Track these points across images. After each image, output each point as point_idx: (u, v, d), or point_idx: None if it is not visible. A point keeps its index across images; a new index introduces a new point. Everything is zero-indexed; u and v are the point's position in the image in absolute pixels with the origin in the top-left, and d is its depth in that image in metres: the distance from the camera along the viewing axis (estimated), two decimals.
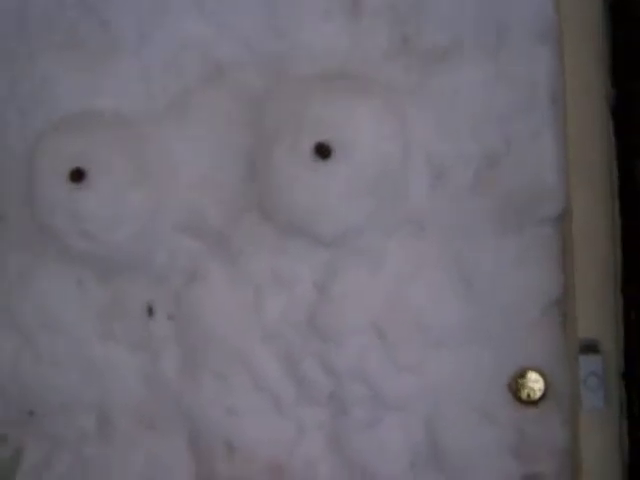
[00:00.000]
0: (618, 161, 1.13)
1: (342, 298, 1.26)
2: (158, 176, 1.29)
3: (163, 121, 1.30)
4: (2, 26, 1.35)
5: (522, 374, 1.25)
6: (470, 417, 1.25)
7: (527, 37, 1.22)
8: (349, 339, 1.26)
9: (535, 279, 1.24)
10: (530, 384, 1.25)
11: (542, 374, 1.25)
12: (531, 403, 1.25)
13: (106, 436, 1.34)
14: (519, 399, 1.25)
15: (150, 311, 1.32)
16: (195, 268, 1.31)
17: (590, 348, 1.15)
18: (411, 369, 1.27)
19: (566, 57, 1.19)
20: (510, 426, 1.24)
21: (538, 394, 1.24)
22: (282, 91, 1.25)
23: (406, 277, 1.25)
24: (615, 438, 1.14)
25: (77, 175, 1.23)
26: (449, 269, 1.25)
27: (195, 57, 1.30)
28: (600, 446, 1.15)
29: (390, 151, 1.21)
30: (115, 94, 1.31)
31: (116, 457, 1.34)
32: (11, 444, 1.34)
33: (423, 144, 1.23)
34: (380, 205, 1.23)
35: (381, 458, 1.28)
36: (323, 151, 1.17)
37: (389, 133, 1.21)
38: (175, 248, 1.31)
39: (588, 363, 1.14)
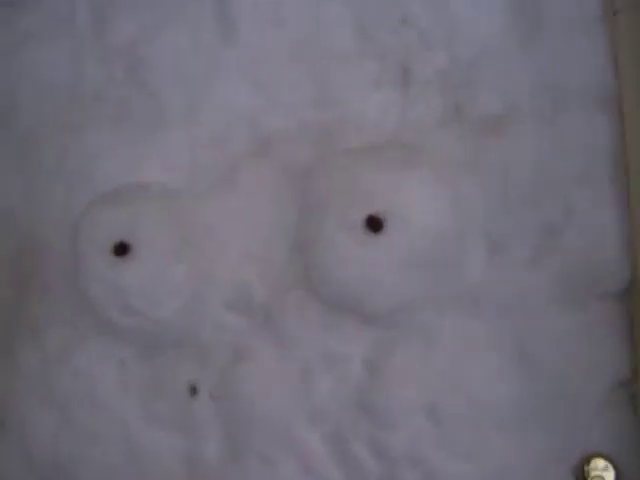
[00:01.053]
0: None
1: (394, 378, 1.19)
2: (204, 251, 1.25)
3: (210, 194, 1.27)
4: (54, 99, 1.36)
5: (589, 461, 1.16)
6: None
7: (586, 103, 1.17)
8: (401, 422, 1.19)
9: (600, 358, 1.16)
10: (598, 472, 1.15)
11: (610, 461, 1.15)
12: None
13: None
14: None
15: (194, 391, 1.27)
16: (241, 346, 1.26)
17: None
18: (467, 454, 1.18)
19: (627, 124, 1.13)
20: None
21: None
22: (331, 163, 1.22)
23: (461, 356, 1.18)
24: None
25: (121, 249, 1.20)
26: (507, 348, 1.17)
27: (243, 129, 1.28)
28: None
29: (443, 224, 1.15)
30: (162, 167, 1.29)
31: None
32: None
33: (478, 216, 1.18)
34: (433, 281, 1.17)
35: None
36: (374, 224, 1.12)
37: (442, 205, 1.16)
38: (221, 325, 1.26)
39: None
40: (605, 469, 1.15)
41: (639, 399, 1.14)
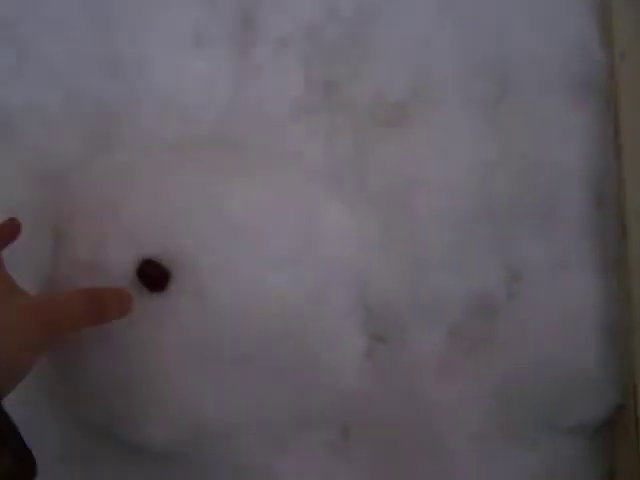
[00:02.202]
0: None
1: None
2: None
3: None
4: None
5: None
6: None
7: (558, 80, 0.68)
8: None
9: None
10: None
11: None
12: None
13: None
14: None
15: None
16: None
17: None
18: None
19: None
20: None
21: None
22: (104, 168, 0.68)
23: None
24: None
25: None
26: None
27: None
28: None
29: (293, 282, 0.63)
30: None
31: None
32: None
33: (356, 270, 0.66)
34: (275, 392, 0.64)
35: None
36: (152, 278, 0.59)
37: (292, 249, 0.63)
38: None
39: None
40: None
41: None
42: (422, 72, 0.69)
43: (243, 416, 0.64)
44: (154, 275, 0.59)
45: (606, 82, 0.67)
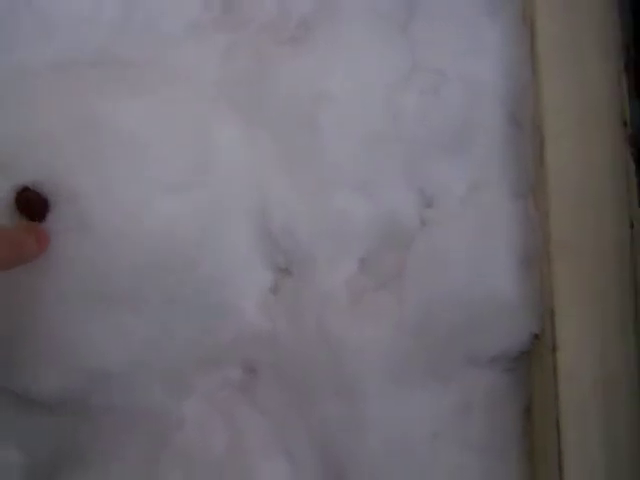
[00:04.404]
0: None
1: None
2: None
3: None
4: None
5: None
6: None
7: None
8: None
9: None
10: None
11: None
12: None
13: None
14: None
15: None
16: None
17: None
18: None
19: None
20: None
21: None
22: None
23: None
24: None
25: None
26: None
27: None
28: None
29: (185, 208, 0.58)
30: None
31: None
32: None
33: (259, 191, 0.61)
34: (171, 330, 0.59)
35: None
36: (32, 205, 0.53)
37: (181, 171, 0.58)
38: None
39: None
40: None
41: None
42: None
43: (139, 358, 0.59)
44: (33, 202, 0.53)
45: None
